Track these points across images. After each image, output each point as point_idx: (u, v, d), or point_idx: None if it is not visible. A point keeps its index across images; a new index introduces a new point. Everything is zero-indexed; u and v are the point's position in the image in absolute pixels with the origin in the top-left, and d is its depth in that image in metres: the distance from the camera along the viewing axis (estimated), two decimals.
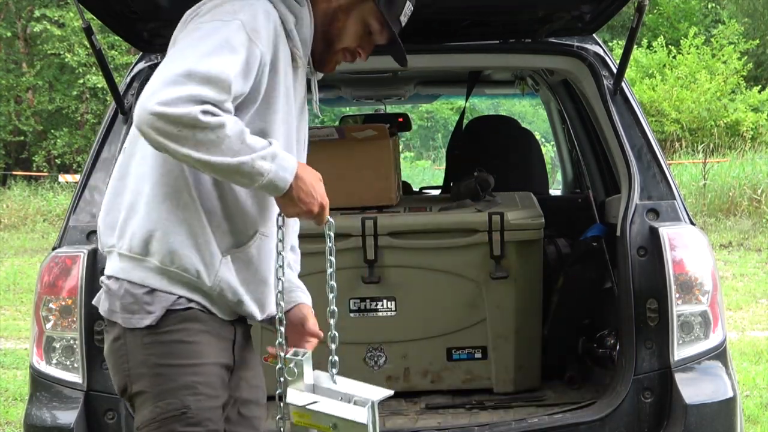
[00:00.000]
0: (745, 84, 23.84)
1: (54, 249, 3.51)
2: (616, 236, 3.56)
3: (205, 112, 2.21)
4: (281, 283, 2.52)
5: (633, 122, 3.71)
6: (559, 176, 6.69)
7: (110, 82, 3.72)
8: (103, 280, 2.51)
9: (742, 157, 18.34)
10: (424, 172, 21.12)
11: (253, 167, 2.28)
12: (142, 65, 3.86)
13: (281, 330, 2.52)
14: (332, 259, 2.57)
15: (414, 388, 4.07)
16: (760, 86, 23.73)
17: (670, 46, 24.16)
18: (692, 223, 3.55)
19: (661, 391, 3.38)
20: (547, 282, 4.21)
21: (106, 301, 2.47)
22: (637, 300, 3.42)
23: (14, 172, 22.90)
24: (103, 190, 2.59)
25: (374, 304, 4.04)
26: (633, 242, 3.46)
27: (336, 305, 2.61)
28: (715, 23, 28.89)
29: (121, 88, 3.78)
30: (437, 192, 6.12)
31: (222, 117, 2.24)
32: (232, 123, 2.26)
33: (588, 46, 3.91)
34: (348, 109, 9.55)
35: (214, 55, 2.26)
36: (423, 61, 4.04)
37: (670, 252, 3.40)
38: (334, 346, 2.55)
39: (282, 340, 2.52)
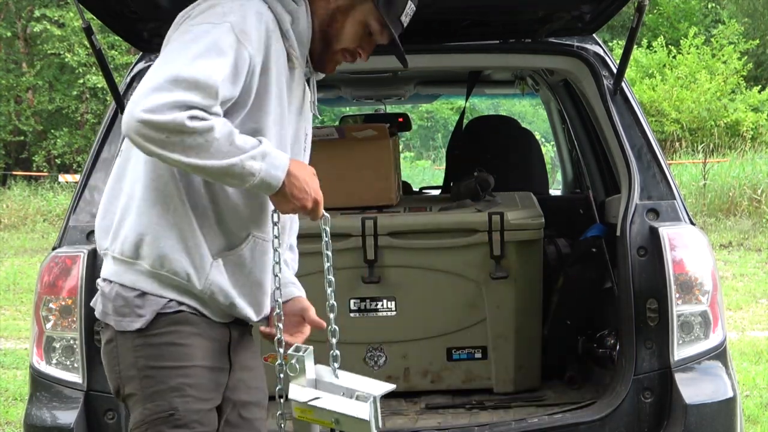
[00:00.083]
0: (745, 84, 23.84)
1: (54, 249, 3.51)
2: (616, 236, 3.56)
3: (192, 118, 2.21)
4: (278, 280, 2.51)
5: (633, 122, 3.71)
6: (559, 176, 6.69)
7: (110, 82, 3.72)
8: (98, 282, 2.51)
9: (742, 157, 18.34)
10: (424, 172, 21.11)
11: (244, 168, 2.28)
12: (142, 65, 3.86)
13: (280, 326, 2.51)
14: (329, 253, 2.57)
15: (414, 388, 4.06)
16: (760, 86, 23.72)
17: (670, 46, 24.16)
18: (692, 223, 3.55)
19: (661, 391, 3.38)
20: (547, 282, 4.21)
21: (100, 304, 2.48)
22: (637, 300, 3.42)
23: (14, 172, 22.90)
24: (103, 190, 2.59)
25: (374, 304, 4.04)
26: (633, 242, 3.46)
27: (335, 303, 2.61)
28: (715, 23, 28.89)
29: (121, 88, 3.78)
30: (437, 192, 6.12)
31: (210, 120, 2.23)
32: (221, 126, 2.25)
33: (588, 46, 3.91)
34: (348, 109, 9.54)
35: (202, 59, 2.25)
36: (423, 61, 4.04)
37: (670, 252, 3.40)
38: (335, 340, 2.55)
39: (281, 336, 2.51)
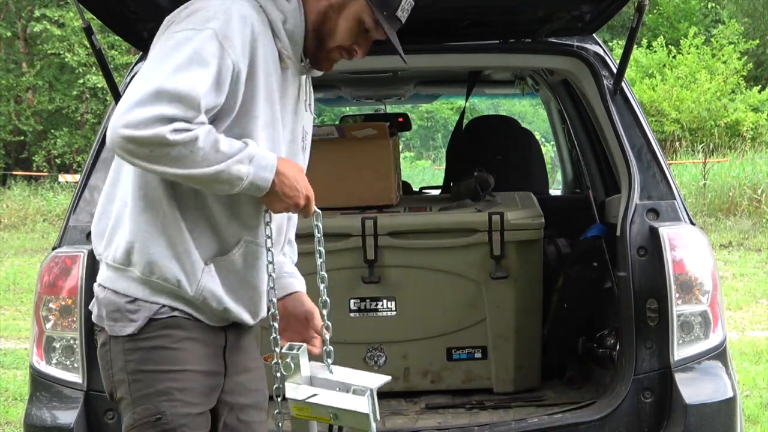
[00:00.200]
0: (745, 84, 23.83)
1: (54, 249, 3.51)
2: (616, 236, 3.56)
3: (175, 131, 2.20)
4: (272, 279, 2.50)
5: (633, 122, 3.71)
6: (559, 176, 6.69)
7: (110, 82, 3.72)
8: (94, 286, 2.51)
9: (742, 157, 18.34)
10: (424, 172, 21.11)
11: (231, 173, 2.28)
12: (141, 65, 3.85)
13: (275, 326, 2.50)
14: (322, 249, 2.57)
15: (414, 388, 4.07)
16: (760, 86, 23.72)
17: (670, 46, 24.16)
18: (692, 223, 3.55)
19: (661, 391, 3.38)
20: (547, 282, 4.21)
21: (96, 308, 2.48)
22: (637, 300, 3.42)
23: (14, 172, 22.89)
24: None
25: (374, 304, 4.04)
26: (633, 242, 3.46)
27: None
28: (715, 23, 28.89)
29: (121, 88, 3.77)
30: (437, 192, 6.12)
31: (193, 131, 2.22)
32: (205, 134, 2.24)
33: (588, 46, 3.91)
34: (348, 109, 9.54)
35: (184, 70, 2.24)
36: (423, 61, 4.04)
37: (670, 252, 3.39)
38: (328, 335, 2.54)
39: (276, 336, 2.50)
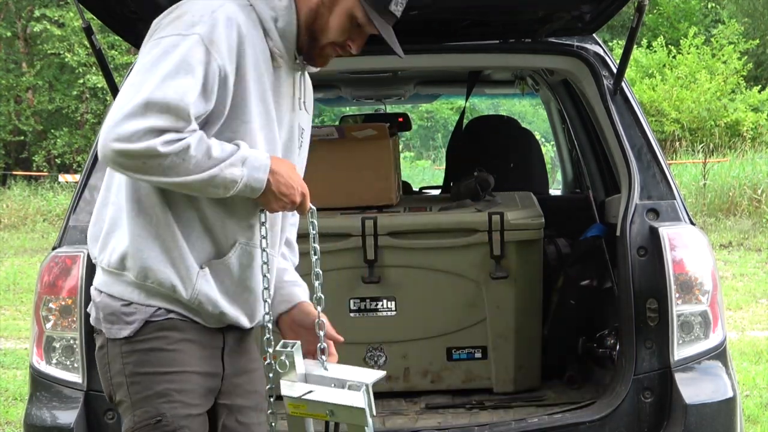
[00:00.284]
0: (745, 84, 23.83)
1: (54, 249, 3.50)
2: (616, 236, 3.56)
3: (166, 142, 2.20)
4: (266, 280, 2.49)
5: (633, 122, 3.71)
6: (559, 176, 6.69)
7: (110, 82, 3.72)
8: (91, 289, 2.51)
9: (742, 157, 18.34)
10: (424, 172, 21.11)
11: (225, 177, 2.28)
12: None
13: (269, 326, 2.49)
14: (317, 246, 2.57)
15: (414, 388, 4.07)
16: (760, 86, 23.72)
17: (670, 46, 24.16)
18: (692, 223, 3.55)
19: (661, 391, 3.38)
20: (547, 282, 4.21)
21: (93, 311, 2.48)
22: (637, 300, 3.42)
23: (14, 172, 22.89)
24: None
25: (374, 304, 4.03)
26: (633, 242, 3.46)
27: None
28: (715, 23, 28.89)
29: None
30: (437, 192, 6.12)
31: (185, 140, 2.23)
32: (196, 142, 2.24)
33: (588, 46, 3.91)
34: (348, 109, 9.54)
35: (172, 79, 2.23)
36: (423, 61, 4.04)
37: (670, 252, 3.39)
38: (322, 333, 2.54)
39: (270, 336, 2.50)
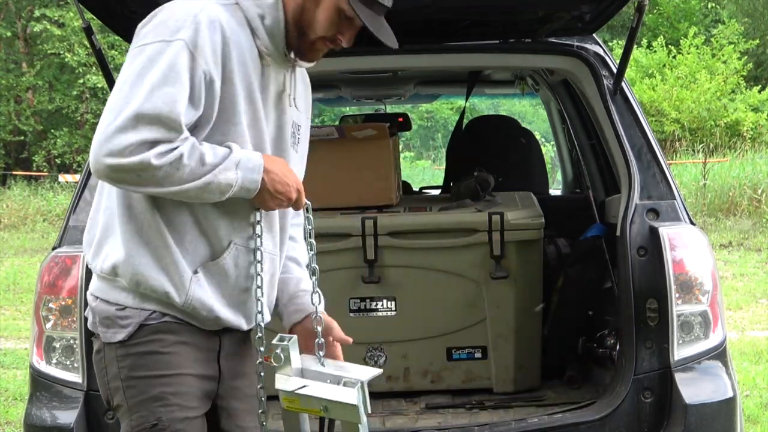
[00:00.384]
0: (745, 84, 23.84)
1: (54, 249, 3.51)
2: (616, 236, 3.56)
3: (159, 154, 2.20)
4: (260, 279, 2.47)
5: (633, 122, 3.71)
6: (559, 176, 6.69)
7: (110, 82, 3.72)
8: (87, 294, 2.51)
9: (742, 157, 18.34)
10: (424, 172, 21.11)
11: (220, 182, 2.28)
12: None
13: (261, 325, 2.48)
14: (313, 242, 2.58)
15: (414, 388, 4.07)
16: (760, 86, 23.72)
17: (670, 46, 24.16)
18: (692, 223, 3.55)
19: (661, 391, 3.38)
20: (547, 282, 4.21)
21: (90, 315, 2.48)
22: (637, 300, 3.42)
23: (14, 172, 22.90)
24: None
25: (374, 303, 4.04)
26: (633, 242, 3.46)
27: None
28: (715, 23, 28.89)
29: None
30: (437, 192, 6.12)
31: (177, 149, 2.22)
32: (189, 151, 2.24)
33: (588, 46, 3.91)
34: (348, 109, 9.54)
35: (159, 88, 2.22)
36: (423, 61, 4.05)
37: (670, 252, 3.40)
38: (319, 328, 2.54)
39: (262, 335, 2.49)
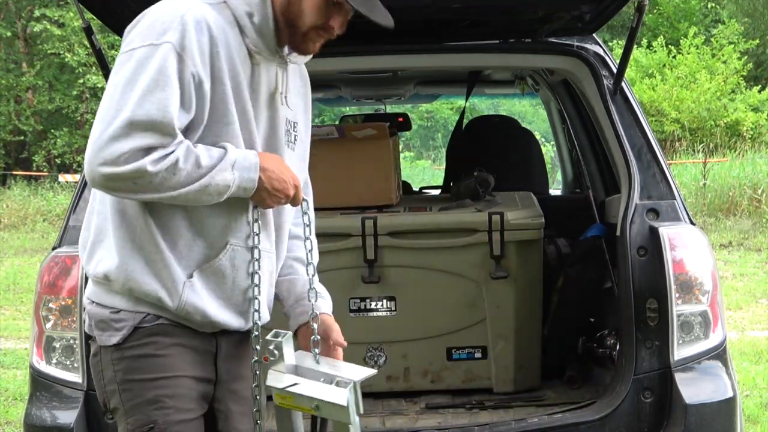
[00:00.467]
0: (745, 84, 23.84)
1: (54, 249, 3.51)
2: (616, 236, 3.56)
3: (155, 161, 2.20)
4: (258, 277, 2.46)
5: (633, 122, 3.71)
6: (559, 176, 6.69)
7: None
8: (83, 298, 2.51)
9: (742, 157, 18.34)
10: (424, 172, 21.11)
11: (217, 184, 2.28)
12: None
13: (258, 324, 2.47)
14: (311, 238, 2.58)
15: (414, 388, 4.07)
16: (760, 86, 23.72)
17: (670, 46, 24.16)
18: (692, 223, 3.55)
19: (661, 391, 3.38)
20: (547, 282, 4.21)
21: (86, 319, 2.48)
22: (637, 300, 3.42)
23: (14, 172, 22.88)
24: None
25: (374, 303, 4.04)
26: (633, 242, 3.46)
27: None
28: (715, 23, 28.89)
29: None
30: (437, 192, 6.12)
31: (173, 154, 2.22)
32: (184, 155, 2.23)
33: (588, 46, 3.91)
34: (348, 108, 9.54)
35: (151, 93, 2.21)
36: (423, 61, 4.04)
37: (670, 252, 3.40)
38: (315, 325, 2.54)
39: (258, 334, 2.48)
